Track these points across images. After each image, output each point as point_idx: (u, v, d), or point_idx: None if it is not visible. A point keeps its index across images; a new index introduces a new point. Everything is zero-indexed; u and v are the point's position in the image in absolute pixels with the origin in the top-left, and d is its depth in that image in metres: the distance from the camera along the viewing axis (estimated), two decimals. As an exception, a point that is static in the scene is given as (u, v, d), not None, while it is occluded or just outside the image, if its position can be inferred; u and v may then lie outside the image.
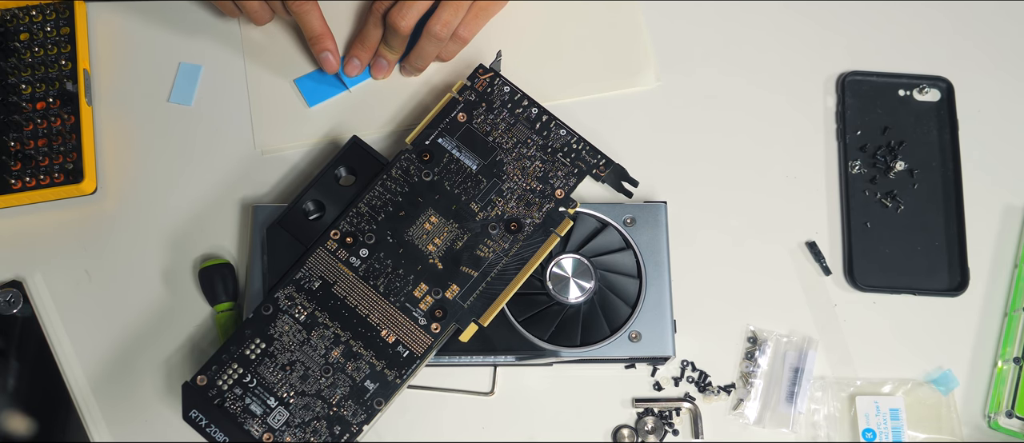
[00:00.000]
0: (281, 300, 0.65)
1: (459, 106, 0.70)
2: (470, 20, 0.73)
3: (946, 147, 0.75)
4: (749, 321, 0.72)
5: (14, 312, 0.69)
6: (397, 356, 0.64)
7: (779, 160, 0.76)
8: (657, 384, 0.70)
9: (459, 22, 0.72)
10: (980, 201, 0.74)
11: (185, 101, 0.76)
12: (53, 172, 0.71)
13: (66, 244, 0.72)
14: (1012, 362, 0.70)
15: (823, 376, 0.70)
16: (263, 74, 0.77)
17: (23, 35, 0.75)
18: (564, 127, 0.69)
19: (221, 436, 0.62)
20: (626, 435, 0.69)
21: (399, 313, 0.65)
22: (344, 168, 0.69)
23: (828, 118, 0.77)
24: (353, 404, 0.63)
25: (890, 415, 0.69)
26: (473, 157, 0.68)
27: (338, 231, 0.66)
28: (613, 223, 0.69)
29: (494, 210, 0.67)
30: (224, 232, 0.73)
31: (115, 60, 0.77)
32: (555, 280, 0.67)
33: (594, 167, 0.69)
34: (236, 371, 0.63)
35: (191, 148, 0.75)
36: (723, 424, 0.69)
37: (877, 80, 0.77)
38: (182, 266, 0.72)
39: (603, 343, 0.67)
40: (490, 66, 0.71)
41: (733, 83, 0.78)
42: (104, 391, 0.69)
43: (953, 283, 0.72)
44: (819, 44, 0.79)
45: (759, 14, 0.80)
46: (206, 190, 0.74)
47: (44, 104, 0.73)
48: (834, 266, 0.73)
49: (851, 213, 0.73)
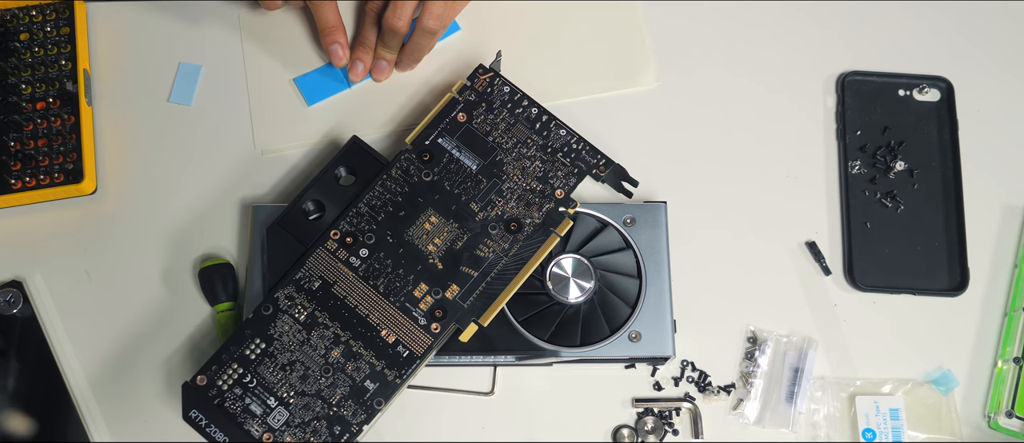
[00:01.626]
0: (281, 300, 0.65)
1: (459, 106, 0.70)
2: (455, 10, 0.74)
3: (946, 147, 0.75)
4: (749, 321, 0.72)
5: (14, 312, 0.69)
6: (397, 356, 0.64)
7: (779, 160, 0.76)
8: (657, 384, 0.70)
9: (447, 13, 0.73)
10: (980, 201, 0.74)
11: (185, 101, 0.76)
12: (53, 172, 0.71)
13: (66, 244, 0.72)
14: (1012, 362, 0.70)
15: (823, 376, 0.70)
16: (263, 74, 0.77)
17: (23, 35, 0.75)
18: (564, 127, 0.69)
19: (221, 436, 0.62)
20: (626, 435, 0.69)
21: (399, 313, 0.65)
22: (344, 168, 0.69)
23: (828, 118, 0.77)
24: (353, 404, 0.63)
25: (890, 415, 0.69)
26: (473, 157, 0.68)
27: (338, 231, 0.66)
28: (613, 223, 0.69)
29: (494, 210, 0.67)
30: (224, 232, 0.73)
31: (115, 60, 0.77)
32: (555, 280, 0.67)
33: (594, 167, 0.69)
34: (236, 371, 0.63)
35: (191, 148, 0.75)
36: (723, 424, 0.69)
37: (877, 80, 0.77)
38: (182, 266, 0.72)
39: (603, 343, 0.67)
40: (490, 66, 0.71)
41: (733, 83, 0.78)
42: (104, 391, 0.69)
43: (953, 283, 0.72)
44: (819, 44, 0.79)
45: (759, 14, 0.80)
46: (206, 190, 0.74)
47: (44, 104, 0.73)
48: (834, 266, 0.73)
49: (851, 213, 0.73)
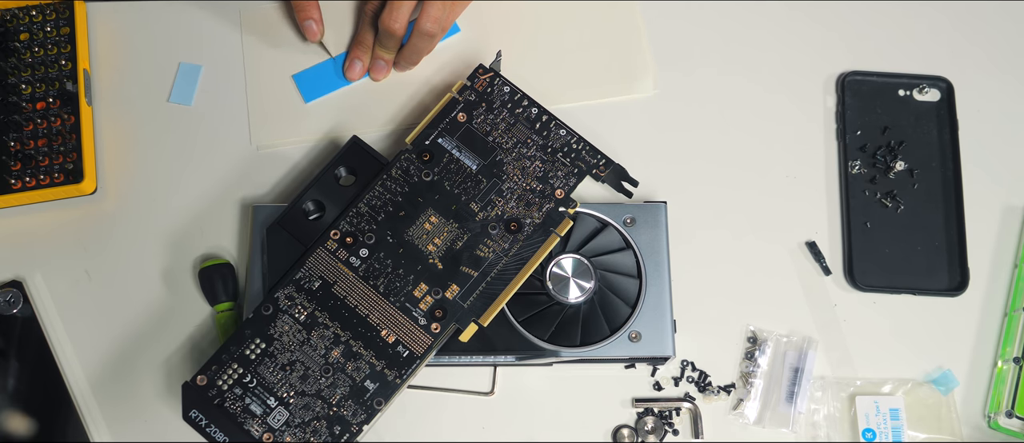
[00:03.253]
0: (281, 300, 0.65)
1: (459, 106, 0.70)
2: (455, 13, 0.74)
3: (946, 147, 0.75)
4: (749, 321, 0.71)
5: (14, 312, 0.69)
6: (397, 356, 0.64)
7: (779, 160, 0.76)
8: (657, 384, 0.70)
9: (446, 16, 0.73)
10: (980, 201, 0.74)
11: (185, 101, 0.76)
12: (53, 172, 0.71)
13: (66, 244, 0.72)
14: (1012, 362, 0.70)
15: (823, 376, 0.70)
16: (262, 69, 0.77)
17: (23, 35, 0.75)
18: (564, 127, 0.69)
19: (221, 436, 0.62)
20: (626, 435, 0.69)
21: (399, 313, 0.65)
22: (344, 168, 0.69)
23: (828, 118, 0.77)
24: (353, 404, 0.63)
25: (890, 415, 0.69)
26: (473, 157, 0.68)
27: (338, 231, 0.66)
28: (613, 223, 0.69)
29: (494, 210, 0.67)
30: (224, 232, 0.73)
31: (115, 60, 0.77)
32: (555, 280, 0.67)
33: (594, 167, 0.69)
34: (236, 371, 0.63)
35: (191, 148, 0.75)
36: (723, 424, 0.69)
37: (877, 80, 0.77)
38: (182, 266, 0.72)
39: (603, 343, 0.67)
40: (490, 66, 0.71)
41: (733, 83, 0.78)
42: (104, 391, 0.69)
43: (953, 283, 0.72)
44: (819, 44, 0.79)
45: (759, 14, 0.80)
46: (206, 190, 0.74)
47: (44, 104, 0.73)
48: (834, 266, 0.73)
49: (851, 213, 0.73)
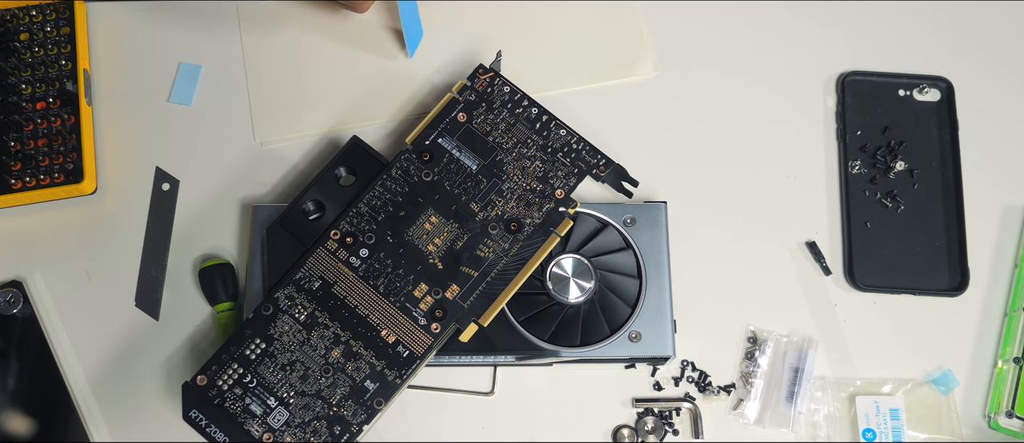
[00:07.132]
0: (281, 300, 0.65)
1: (459, 106, 0.70)
2: None
3: (946, 147, 0.75)
4: (749, 321, 0.71)
5: (14, 312, 0.69)
6: (397, 356, 0.64)
7: (779, 160, 0.76)
8: (657, 384, 0.70)
9: None
10: (980, 201, 0.74)
11: (185, 101, 0.76)
12: (53, 172, 0.71)
13: (66, 244, 0.72)
14: (1012, 362, 0.70)
15: (823, 376, 0.70)
16: (263, 65, 0.77)
17: (23, 35, 0.75)
18: (564, 127, 0.69)
19: (221, 436, 0.62)
20: (626, 435, 0.69)
21: (399, 313, 0.65)
22: (344, 168, 0.69)
23: (828, 118, 0.77)
24: (353, 404, 0.63)
25: (890, 415, 0.69)
26: (473, 157, 0.68)
27: (338, 231, 0.66)
28: (613, 223, 0.69)
29: (494, 210, 0.67)
30: (224, 232, 0.73)
31: (115, 60, 0.77)
32: (555, 280, 0.67)
33: (594, 167, 0.69)
34: (236, 371, 0.63)
35: (191, 148, 0.75)
36: (723, 424, 0.69)
37: (877, 80, 0.77)
38: (182, 266, 0.72)
39: (603, 343, 0.67)
40: (490, 66, 0.71)
41: (733, 82, 0.78)
42: (104, 391, 0.69)
43: (953, 283, 0.72)
44: (819, 43, 0.79)
45: (759, 13, 0.80)
46: (206, 190, 0.74)
47: (44, 104, 0.73)
48: (834, 266, 0.73)
49: (851, 213, 0.73)
